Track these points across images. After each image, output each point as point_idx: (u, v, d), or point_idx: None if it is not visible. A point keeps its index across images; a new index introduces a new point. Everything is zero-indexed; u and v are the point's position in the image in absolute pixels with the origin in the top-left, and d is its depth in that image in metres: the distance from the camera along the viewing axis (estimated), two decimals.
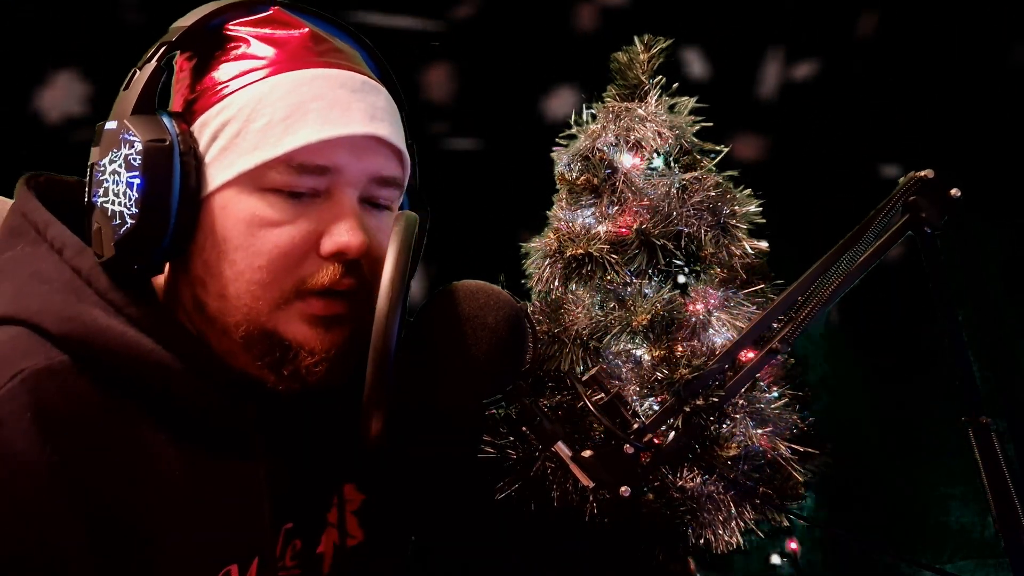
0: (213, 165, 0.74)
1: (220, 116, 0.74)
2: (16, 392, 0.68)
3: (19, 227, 0.77)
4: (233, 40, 0.77)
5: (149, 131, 0.72)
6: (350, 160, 0.75)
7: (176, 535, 0.72)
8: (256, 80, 0.75)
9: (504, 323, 0.78)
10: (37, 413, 0.67)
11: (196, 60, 0.78)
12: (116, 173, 0.72)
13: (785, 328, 0.84)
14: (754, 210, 0.99)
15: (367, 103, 0.77)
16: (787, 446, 0.92)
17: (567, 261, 0.96)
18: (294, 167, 0.73)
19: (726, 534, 0.90)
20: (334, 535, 0.85)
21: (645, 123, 0.97)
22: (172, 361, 0.73)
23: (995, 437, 0.82)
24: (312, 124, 0.73)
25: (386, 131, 0.77)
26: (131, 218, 0.71)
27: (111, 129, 0.74)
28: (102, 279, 0.73)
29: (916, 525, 2.08)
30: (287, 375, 0.76)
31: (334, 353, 0.76)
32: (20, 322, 0.71)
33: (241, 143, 0.73)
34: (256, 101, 0.74)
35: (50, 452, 0.67)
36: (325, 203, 0.75)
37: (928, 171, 0.86)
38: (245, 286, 0.74)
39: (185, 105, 0.77)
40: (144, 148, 0.71)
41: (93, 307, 0.72)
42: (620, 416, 0.82)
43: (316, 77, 0.75)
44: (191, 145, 0.73)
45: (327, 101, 0.74)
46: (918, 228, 0.86)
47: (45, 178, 0.81)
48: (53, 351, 0.70)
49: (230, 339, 0.76)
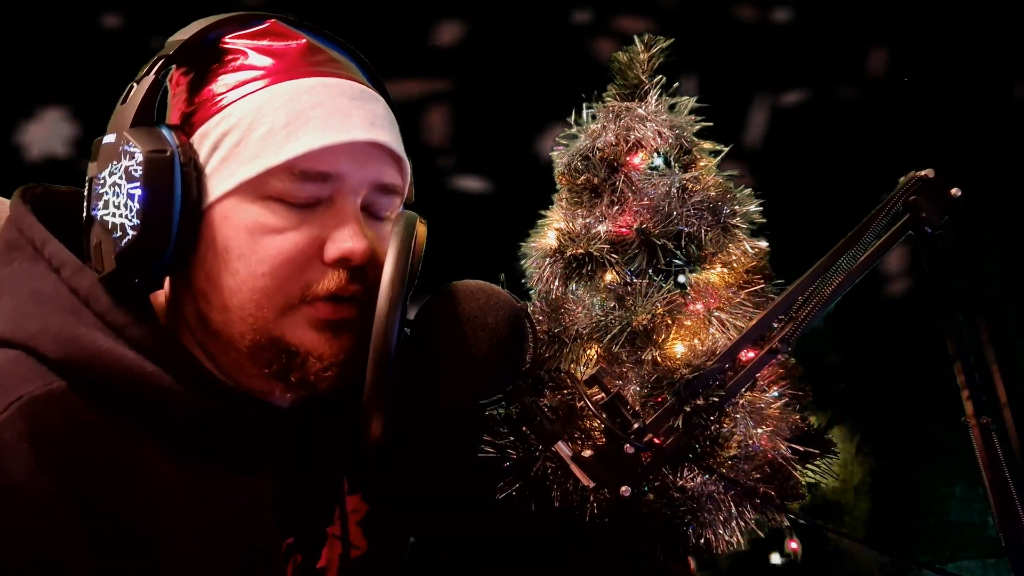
0: (214, 175, 0.74)
1: (220, 126, 0.74)
2: (13, 420, 0.67)
3: (15, 241, 0.76)
4: (230, 52, 0.77)
5: (150, 142, 0.71)
6: (352, 167, 0.75)
7: (179, 556, 0.72)
8: (255, 90, 0.75)
9: (504, 323, 0.78)
10: (35, 441, 0.67)
11: (193, 74, 0.77)
12: (116, 185, 0.72)
13: (785, 328, 0.84)
14: (754, 209, 0.99)
15: (367, 110, 0.77)
16: (787, 446, 0.92)
17: (567, 261, 0.96)
18: (296, 174, 0.73)
19: (726, 534, 0.90)
20: (337, 547, 0.85)
21: (645, 123, 0.97)
22: (172, 383, 0.72)
23: (995, 436, 0.82)
24: (313, 131, 0.73)
25: (386, 137, 0.78)
26: (132, 229, 0.71)
27: (110, 143, 0.73)
28: (102, 299, 0.73)
29: (917, 524, 2.08)
30: (295, 382, 0.75)
31: (342, 358, 0.75)
32: (18, 345, 0.70)
33: (242, 152, 0.73)
34: (256, 110, 0.74)
35: (48, 481, 0.67)
36: (328, 210, 0.75)
37: (928, 171, 0.86)
38: (248, 295, 0.73)
39: (183, 118, 0.76)
40: (145, 159, 0.70)
41: (92, 329, 0.71)
42: (620, 416, 0.82)
43: (315, 85, 0.75)
44: (191, 156, 0.73)
45: (327, 108, 0.74)
46: (918, 228, 0.86)
47: (42, 189, 0.81)
48: (51, 376, 0.69)
49: (236, 350, 0.75)
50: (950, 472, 1.99)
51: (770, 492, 0.91)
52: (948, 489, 2.02)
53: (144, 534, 0.70)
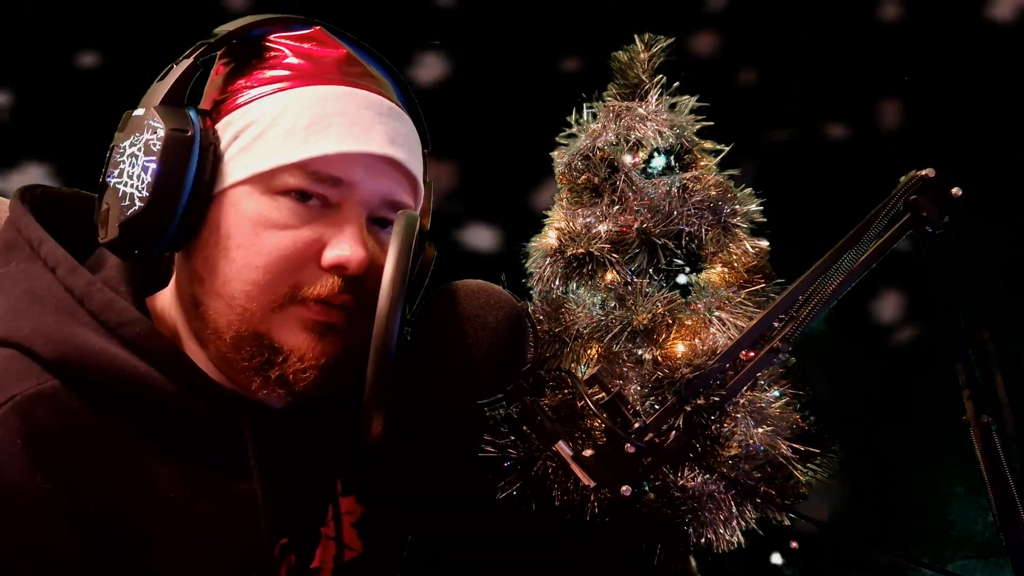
0: (230, 163, 0.75)
1: (244, 118, 0.75)
2: (8, 418, 0.67)
3: (13, 242, 0.77)
4: (271, 51, 0.78)
5: (173, 121, 0.73)
6: (364, 178, 0.76)
7: (172, 555, 0.72)
8: (284, 88, 0.76)
9: (505, 323, 0.78)
10: (29, 439, 0.67)
11: (232, 65, 0.79)
12: (134, 156, 0.73)
13: (786, 327, 0.84)
14: (755, 209, 0.99)
15: (390, 127, 0.78)
16: (788, 445, 0.92)
17: (568, 260, 0.96)
18: (309, 174, 0.74)
19: (727, 533, 0.90)
20: (331, 548, 0.85)
21: (646, 122, 0.97)
22: (165, 383, 0.72)
23: (996, 436, 0.82)
24: (333, 136, 0.74)
25: (404, 155, 0.78)
26: (140, 201, 0.72)
27: (138, 116, 0.75)
28: (96, 299, 0.73)
29: (917, 524, 2.08)
30: (274, 379, 0.75)
31: (324, 362, 0.75)
32: (12, 345, 0.71)
33: (261, 145, 0.74)
34: (282, 108, 0.75)
35: (41, 479, 0.67)
36: (333, 215, 0.75)
37: (929, 170, 0.86)
38: (240, 285, 0.74)
39: (213, 105, 0.78)
40: (166, 135, 0.72)
41: (86, 328, 0.72)
42: (621, 415, 0.82)
43: (344, 94, 0.76)
44: (212, 141, 0.74)
45: (351, 118, 0.75)
46: (919, 227, 0.85)
47: (41, 191, 0.81)
48: (45, 375, 0.70)
49: (221, 340, 0.75)
50: (951, 472, 2.00)
51: (771, 492, 0.91)
52: (949, 489, 2.02)
53: (136, 533, 0.71)
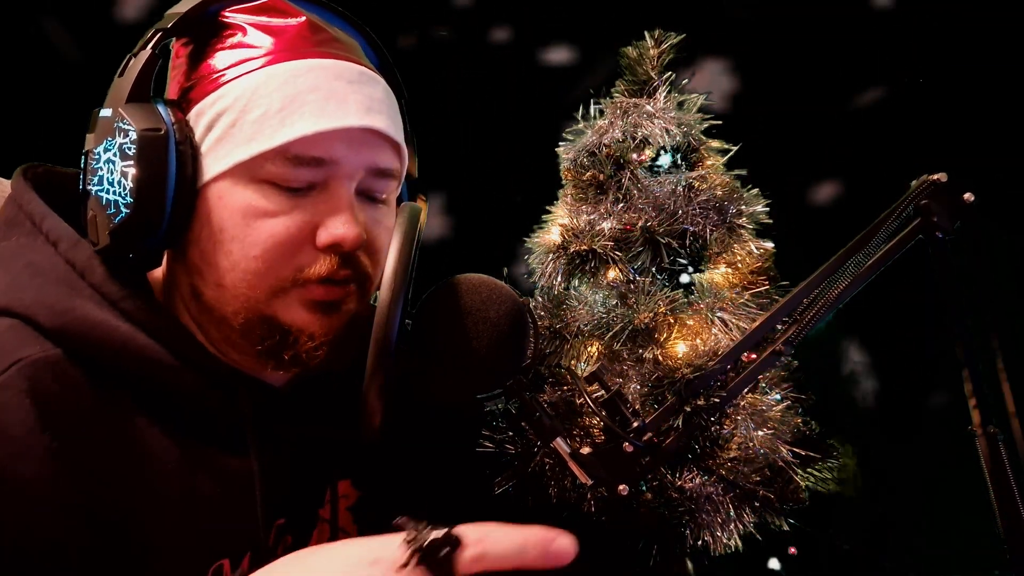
0: (209, 155, 0.74)
1: (216, 105, 0.74)
2: (14, 380, 0.68)
3: (15, 218, 0.77)
4: (229, 28, 0.77)
5: (144, 120, 0.71)
6: (346, 152, 0.75)
7: (169, 527, 0.72)
8: (252, 70, 0.74)
9: (506, 317, 0.77)
10: (35, 400, 0.68)
11: (192, 47, 0.77)
12: (111, 162, 0.72)
13: (790, 330, 0.83)
14: (761, 210, 0.98)
15: (364, 95, 0.76)
16: (788, 449, 0.91)
17: (571, 257, 0.95)
18: (290, 159, 0.73)
19: (724, 536, 0.89)
20: (326, 531, 0.85)
21: (653, 119, 0.96)
22: (165, 356, 0.72)
23: (1002, 447, 0.81)
24: (308, 116, 0.73)
25: (383, 123, 0.77)
26: (126, 207, 0.71)
27: (105, 117, 0.73)
28: (97, 272, 0.73)
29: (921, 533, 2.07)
30: (288, 359, 0.75)
31: (332, 337, 0.76)
32: (15, 315, 0.71)
33: (237, 134, 0.73)
34: (252, 91, 0.73)
35: (49, 438, 0.67)
36: (321, 195, 0.75)
37: (941, 174, 0.85)
38: (241, 276, 0.74)
39: (181, 93, 0.76)
40: (139, 137, 0.71)
41: (87, 301, 0.72)
42: (620, 414, 0.81)
43: (312, 68, 0.75)
44: (187, 134, 0.73)
45: (323, 93, 0.74)
46: (929, 232, 0.84)
47: (43, 169, 0.81)
48: (46, 344, 0.70)
49: (228, 326, 0.76)
50: (954, 481, 1.98)
51: (770, 495, 0.90)
52: (953, 498, 2.01)
53: (133, 503, 0.71)
